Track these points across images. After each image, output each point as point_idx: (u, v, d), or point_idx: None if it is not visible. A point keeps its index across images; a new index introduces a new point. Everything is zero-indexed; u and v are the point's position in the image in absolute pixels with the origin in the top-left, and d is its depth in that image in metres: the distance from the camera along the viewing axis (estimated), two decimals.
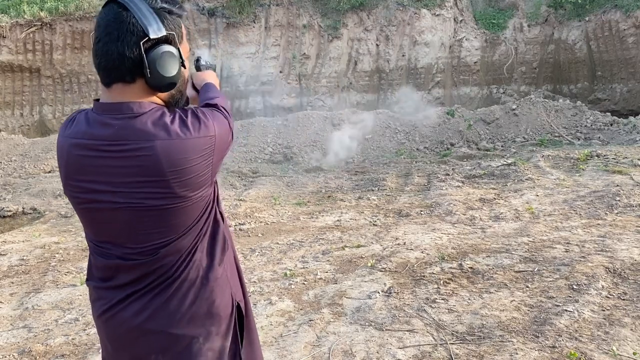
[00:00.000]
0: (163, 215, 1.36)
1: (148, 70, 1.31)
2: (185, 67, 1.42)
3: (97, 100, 1.42)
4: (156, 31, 1.31)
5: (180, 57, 1.38)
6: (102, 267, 1.44)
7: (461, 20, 14.61)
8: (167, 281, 1.41)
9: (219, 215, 1.51)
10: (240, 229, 6.15)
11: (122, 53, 1.31)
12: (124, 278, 1.41)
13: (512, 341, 3.15)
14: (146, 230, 1.37)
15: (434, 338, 3.27)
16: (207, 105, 1.54)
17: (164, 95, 1.42)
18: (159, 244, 1.38)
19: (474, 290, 3.97)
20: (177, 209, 1.37)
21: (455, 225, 5.81)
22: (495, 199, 6.85)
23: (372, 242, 5.37)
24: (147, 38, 1.30)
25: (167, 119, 1.35)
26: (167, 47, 1.33)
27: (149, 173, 1.32)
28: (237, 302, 1.54)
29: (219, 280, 1.48)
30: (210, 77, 1.75)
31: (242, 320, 1.56)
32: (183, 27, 1.45)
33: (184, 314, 1.43)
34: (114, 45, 1.31)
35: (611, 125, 11.22)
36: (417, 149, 11.29)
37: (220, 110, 1.50)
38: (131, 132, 1.33)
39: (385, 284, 4.18)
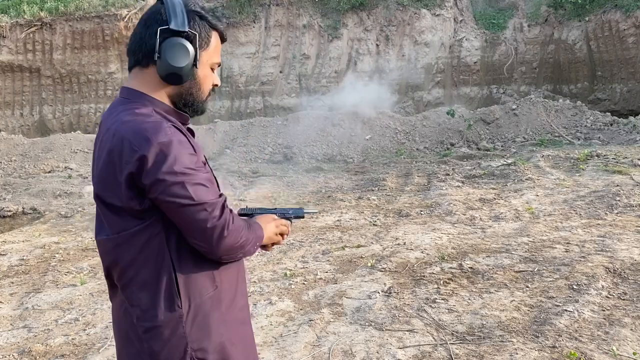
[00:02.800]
0: (102, 206, 1.37)
1: (157, 55, 1.36)
2: (196, 67, 1.41)
3: None
4: (178, 25, 1.36)
5: (195, 57, 1.39)
6: None
7: (461, 20, 14.61)
8: (117, 286, 1.44)
9: (174, 258, 1.35)
10: None
11: (143, 37, 1.39)
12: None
13: (512, 341, 3.15)
14: (101, 223, 1.41)
15: (434, 338, 3.27)
16: (242, 215, 1.60)
17: (173, 92, 1.43)
18: (106, 239, 1.39)
19: (474, 290, 3.97)
20: (109, 204, 1.35)
21: (455, 225, 5.80)
22: (495, 199, 6.85)
23: (372, 242, 5.37)
24: (166, 27, 1.37)
25: (138, 110, 1.36)
26: (183, 41, 1.37)
27: (106, 159, 1.34)
28: None
29: (162, 329, 1.34)
30: (266, 221, 1.59)
31: None
32: (215, 38, 1.46)
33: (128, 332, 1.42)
34: (140, 30, 1.41)
35: (611, 125, 11.22)
36: (417, 149, 11.29)
37: (220, 207, 1.35)
38: (112, 117, 1.39)
39: (385, 284, 4.17)
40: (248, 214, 1.66)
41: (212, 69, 1.49)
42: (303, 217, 1.73)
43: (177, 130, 1.34)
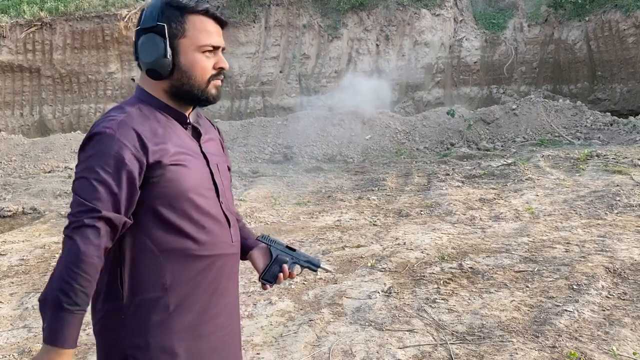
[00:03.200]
0: None
1: (136, 56, 1.45)
2: (168, 57, 1.38)
3: None
4: (147, 22, 1.41)
5: (166, 47, 1.37)
6: None
7: (461, 20, 14.61)
8: None
9: (124, 250, 1.38)
10: None
11: (134, 41, 1.48)
12: None
13: (512, 341, 3.15)
14: None
15: (434, 338, 3.27)
16: (260, 240, 1.70)
17: (166, 86, 1.44)
18: None
19: (474, 290, 3.97)
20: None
21: (455, 225, 5.80)
22: (495, 199, 6.85)
23: (372, 242, 5.37)
24: (139, 28, 1.43)
25: (123, 104, 1.44)
26: (150, 36, 1.40)
27: None
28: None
29: (104, 315, 1.40)
30: (59, 355, 1.27)
31: None
32: (195, 22, 1.41)
33: None
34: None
35: (611, 125, 11.22)
36: (417, 149, 11.29)
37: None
38: None
39: (385, 284, 4.17)
40: (265, 242, 1.65)
41: (208, 52, 1.42)
42: (316, 271, 1.70)
43: (131, 130, 1.33)
